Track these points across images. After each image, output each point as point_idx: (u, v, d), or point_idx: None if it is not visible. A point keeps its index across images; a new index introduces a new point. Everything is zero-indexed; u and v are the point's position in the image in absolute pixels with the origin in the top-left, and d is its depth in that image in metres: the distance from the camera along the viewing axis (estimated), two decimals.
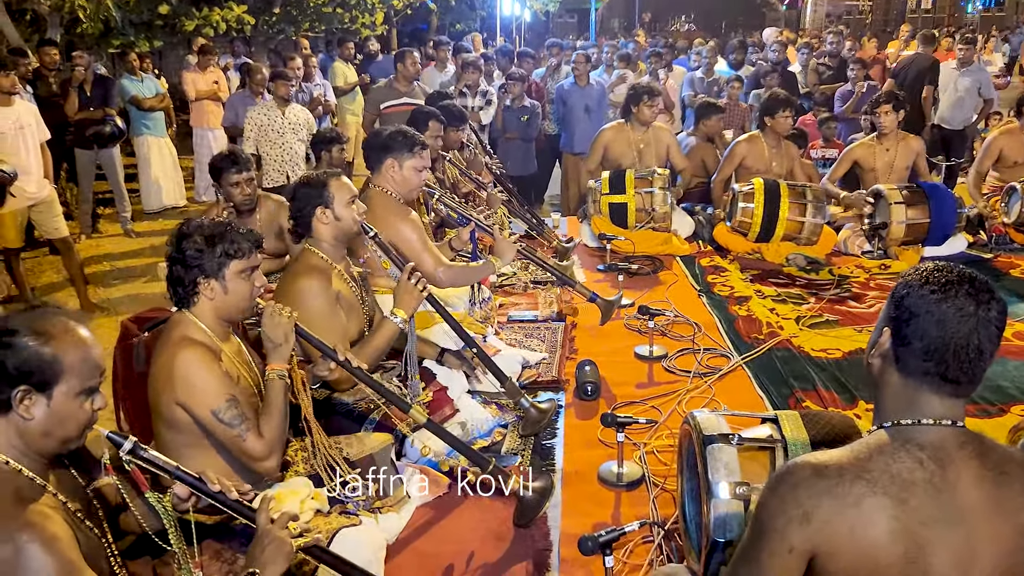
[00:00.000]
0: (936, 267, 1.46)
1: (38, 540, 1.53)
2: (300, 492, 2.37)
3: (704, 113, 6.51)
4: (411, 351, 2.99)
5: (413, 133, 3.66)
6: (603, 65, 9.09)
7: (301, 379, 2.54)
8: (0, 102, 5.68)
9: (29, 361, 1.62)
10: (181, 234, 2.35)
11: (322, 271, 2.93)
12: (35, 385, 1.63)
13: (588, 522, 2.65)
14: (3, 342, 1.61)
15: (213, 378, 2.27)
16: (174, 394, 2.26)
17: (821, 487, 1.39)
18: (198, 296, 2.35)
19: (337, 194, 2.97)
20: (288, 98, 6.60)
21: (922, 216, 5.20)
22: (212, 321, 2.38)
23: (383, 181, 3.60)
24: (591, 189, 5.65)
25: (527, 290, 4.78)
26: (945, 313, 1.40)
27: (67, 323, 1.70)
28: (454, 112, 5.23)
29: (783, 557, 1.42)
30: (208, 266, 2.33)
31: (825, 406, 3.34)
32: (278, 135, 6.46)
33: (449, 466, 2.91)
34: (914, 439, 1.42)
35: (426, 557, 2.51)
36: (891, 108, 5.48)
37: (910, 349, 1.43)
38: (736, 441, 2.11)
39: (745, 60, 9.61)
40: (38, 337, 1.63)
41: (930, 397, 1.44)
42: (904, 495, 1.36)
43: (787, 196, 5.22)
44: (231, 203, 4.15)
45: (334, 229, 2.99)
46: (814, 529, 1.38)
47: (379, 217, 3.51)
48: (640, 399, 3.46)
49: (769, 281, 4.94)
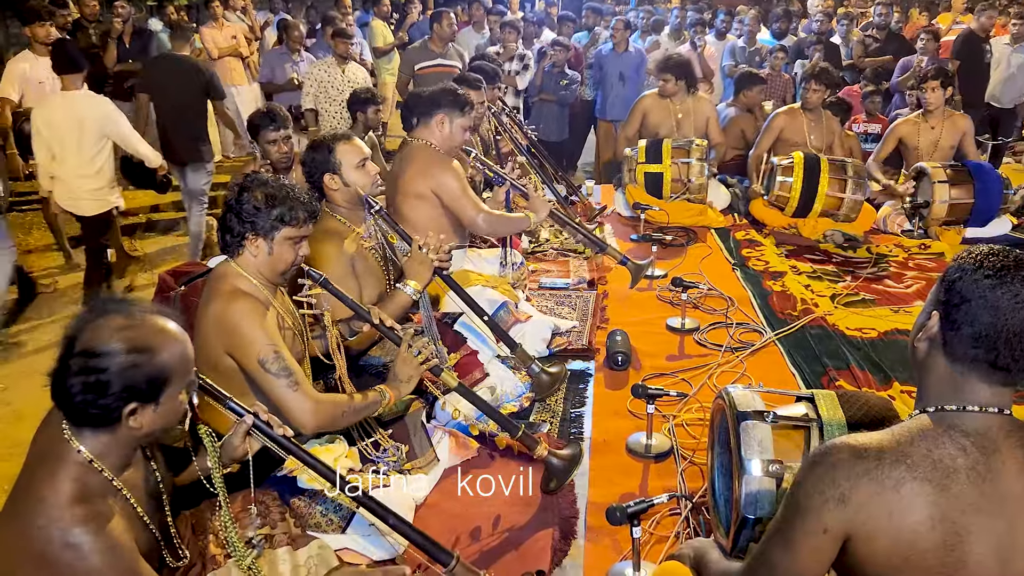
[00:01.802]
0: (991, 251, 1.42)
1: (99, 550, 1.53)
2: (335, 450, 2.40)
3: (744, 83, 6.38)
4: (428, 321, 3.00)
5: (462, 92, 3.74)
6: (638, 31, 8.94)
7: (336, 339, 2.56)
8: (38, 52, 5.73)
9: (136, 379, 1.57)
10: (244, 186, 2.35)
11: (336, 234, 2.92)
12: (143, 399, 1.60)
13: (615, 492, 2.66)
14: (102, 366, 1.53)
15: (261, 330, 2.28)
16: (223, 342, 2.28)
17: (859, 469, 1.37)
18: (243, 249, 2.36)
19: (344, 159, 2.95)
20: (347, 56, 6.57)
21: (966, 196, 5.08)
22: (255, 274, 2.40)
23: (428, 134, 3.66)
24: (627, 157, 5.59)
25: (559, 257, 4.76)
26: (999, 299, 1.36)
27: (157, 324, 1.63)
28: (487, 70, 5.21)
29: (817, 537, 1.40)
30: (261, 224, 2.33)
31: (859, 386, 3.30)
32: (338, 92, 6.45)
33: (479, 430, 2.93)
34: (958, 426, 1.39)
35: (453, 518, 2.53)
36: (938, 85, 5.33)
37: (959, 334, 1.40)
38: (771, 419, 2.09)
39: (789, 29, 9.38)
40: (141, 353, 1.57)
41: (977, 384, 1.40)
42: (945, 482, 1.34)
43: (827, 171, 5.12)
44: (268, 160, 4.17)
45: (345, 194, 2.98)
46: (850, 511, 1.37)
47: (421, 169, 3.58)
48: (671, 371, 3.44)
49: (805, 257, 4.87)
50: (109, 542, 1.54)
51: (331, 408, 2.33)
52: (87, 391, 1.54)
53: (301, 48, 7.53)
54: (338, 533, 2.28)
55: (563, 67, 7.45)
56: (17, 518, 1.55)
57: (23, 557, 1.52)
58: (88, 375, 1.53)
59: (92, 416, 1.57)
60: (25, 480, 1.62)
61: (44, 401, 1.65)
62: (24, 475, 1.63)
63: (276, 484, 2.31)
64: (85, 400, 1.54)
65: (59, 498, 1.54)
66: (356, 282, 2.97)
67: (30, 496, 1.56)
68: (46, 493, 1.55)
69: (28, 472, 1.63)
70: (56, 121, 4.94)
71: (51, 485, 1.56)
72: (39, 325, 5.41)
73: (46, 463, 1.60)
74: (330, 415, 2.33)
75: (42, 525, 1.52)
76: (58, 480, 1.57)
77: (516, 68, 7.37)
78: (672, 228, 5.25)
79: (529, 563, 2.33)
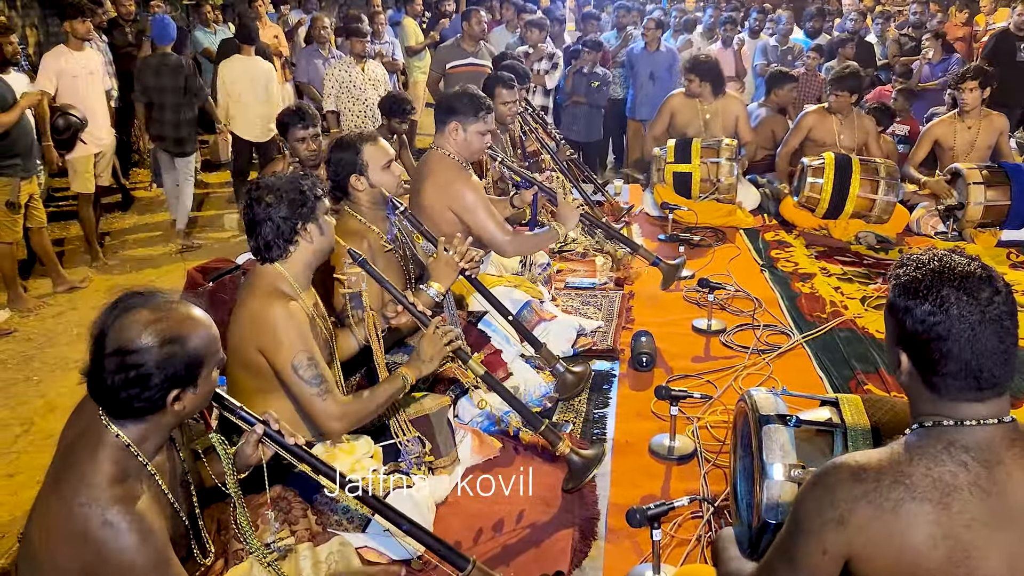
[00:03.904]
0: (919, 276, 1.39)
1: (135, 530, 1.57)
2: (358, 448, 2.42)
3: (776, 82, 6.31)
4: (452, 322, 3.00)
5: (479, 95, 3.60)
6: (670, 30, 8.88)
7: (373, 322, 2.59)
8: (73, 47, 5.85)
9: (176, 368, 1.62)
10: (256, 199, 2.36)
11: (358, 234, 2.93)
12: (184, 385, 1.65)
13: (637, 493, 2.65)
14: (139, 361, 1.58)
15: (298, 335, 2.30)
16: (257, 341, 2.31)
17: (858, 491, 1.36)
18: (295, 245, 2.39)
19: (371, 160, 2.95)
20: (364, 54, 6.59)
21: (1003, 198, 4.98)
22: (302, 269, 2.43)
23: (445, 143, 3.55)
24: (656, 157, 5.55)
25: (585, 256, 4.75)
26: (956, 333, 1.34)
27: (183, 312, 1.68)
28: (518, 70, 5.19)
29: (816, 557, 1.40)
30: (306, 212, 2.38)
31: (888, 390, 3.25)
32: (359, 91, 6.49)
33: (503, 426, 2.93)
34: (958, 441, 1.37)
35: (473, 517, 2.53)
36: (977, 85, 5.23)
37: (935, 374, 1.38)
38: (793, 423, 2.07)
39: (823, 28, 9.26)
40: (174, 343, 1.61)
41: (970, 404, 1.38)
42: (947, 500, 1.32)
43: (859, 172, 5.05)
44: (296, 158, 4.20)
45: (370, 195, 2.99)
46: (850, 533, 1.36)
47: (440, 183, 3.48)
48: (696, 373, 3.42)
49: (835, 259, 4.80)
50: (143, 524, 1.59)
51: (357, 410, 2.39)
52: (129, 386, 1.59)
53: (327, 42, 7.53)
54: (358, 532, 2.29)
55: (593, 67, 7.42)
56: (61, 497, 1.59)
57: (66, 534, 1.57)
58: (128, 372, 1.58)
59: (137, 408, 1.62)
60: (65, 460, 1.67)
61: (76, 393, 1.71)
62: (64, 455, 1.69)
63: (298, 481, 2.33)
64: (129, 395, 1.60)
65: (100, 478, 1.60)
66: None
67: (72, 475, 1.61)
68: (87, 472, 1.60)
69: (68, 452, 1.68)
70: (237, 75, 6.77)
71: (92, 465, 1.61)
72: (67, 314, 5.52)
73: (87, 444, 1.65)
74: (356, 417, 2.39)
75: (83, 502, 1.57)
76: (99, 460, 1.62)
77: (545, 67, 7.36)
78: (700, 228, 5.20)
79: (548, 564, 2.32)
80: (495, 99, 4.36)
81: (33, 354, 4.96)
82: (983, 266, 1.40)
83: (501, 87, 4.65)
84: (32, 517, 1.65)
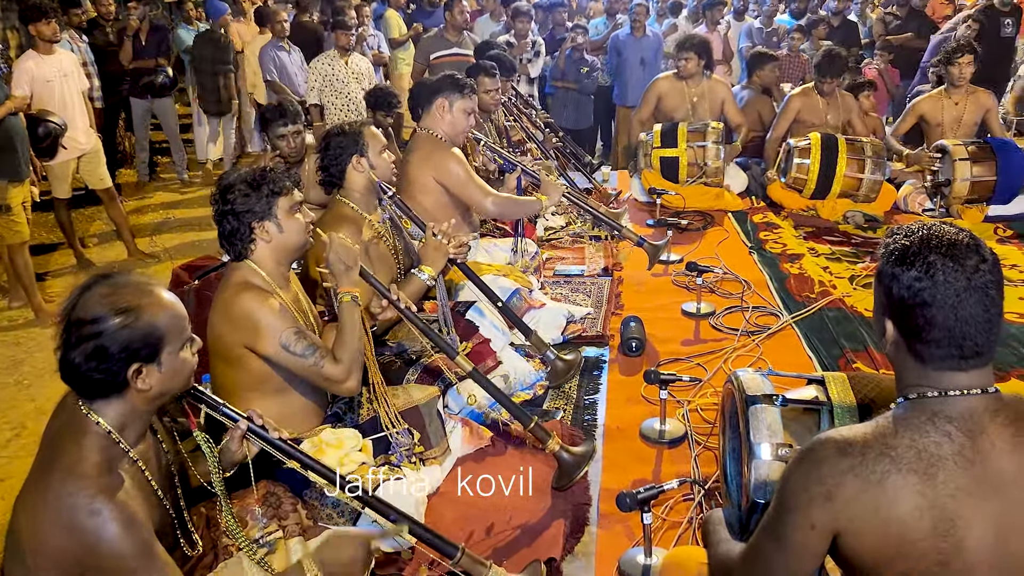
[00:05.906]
0: (907, 243, 1.39)
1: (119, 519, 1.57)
2: (347, 442, 2.41)
3: (757, 63, 6.31)
4: (443, 308, 3.00)
5: (462, 76, 3.72)
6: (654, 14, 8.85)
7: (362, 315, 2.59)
8: (43, 50, 5.62)
9: (131, 339, 1.63)
10: (224, 188, 2.37)
11: (353, 221, 2.95)
12: (144, 359, 1.65)
13: (628, 478, 2.65)
14: (95, 331, 1.60)
15: (274, 315, 2.30)
16: (239, 337, 2.31)
17: (844, 466, 1.36)
18: (255, 243, 2.38)
19: (371, 142, 3.02)
20: (348, 48, 6.54)
21: (988, 174, 4.99)
22: (272, 266, 2.42)
23: (432, 123, 3.65)
24: (643, 142, 5.54)
25: (574, 244, 4.74)
26: (941, 299, 1.34)
27: (139, 286, 1.70)
28: (504, 62, 5.19)
29: (804, 533, 1.40)
30: (259, 208, 2.35)
31: (876, 367, 3.26)
32: (342, 84, 6.44)
33: (492, 419, 2.92)
34: (942, 411, 1.37)
35: (466, 507, 2.53)
36: (972, 59, 5.21)
37: (920, 341, 1.38)
38: (780, 402, 2.06)
39: (808, 8, 9.24)
40: (126, 314, 1.63)
41: (954, 373, 1.38)
42: (931, 470, 1.32)
43: (845, 152, 5.05)
44: (278, 154, 4.17)
45: (367, 179, 3.00)
46: (837, 508, 1.36)
47: (425, 157, 3.59)
48: (685, 356, 3.42)
49: (824, 239, 4.81)
50: (126, 512, 1.59)
51: (350, 353, 2.38)
52: (89, 359, 1.60)
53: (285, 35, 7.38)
54: (349, 525, 2.28)
55: (583, 52, 7.40)
56: (48, 489, 1.59)
57: (54, 526, 1.57)
58: (86, 343, 1.60)
59: (99, 383, 1.63)
60: (49, 452, 1.67)
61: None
62: (48, 447, 1.69)
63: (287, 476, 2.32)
64: (89, 368, 1.61)
65: (84, 467, 1.60)
66: (370, 268, 2.98)
67: (57, 466, 1.61)
68: (72, 462, 1.60)
69: (51, 445, 1.68)
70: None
71: (77, 455, 1.61)
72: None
73: (71, 434, 1.65)
74: (355, 362, 2.41)
75: (71, 492, 1.57)
76: (84, 450, 1.62)
77: (528, 56, 7.33)
78: (689, 212, 5.20)
79: (541, 551, 2.32)
80: (478, 87, 4.36)
81: (23, 358, 4.93)
82: (971, 235, 1.39)
83: (484, 75, 4.65)
84: (18, 509, 1.64)
